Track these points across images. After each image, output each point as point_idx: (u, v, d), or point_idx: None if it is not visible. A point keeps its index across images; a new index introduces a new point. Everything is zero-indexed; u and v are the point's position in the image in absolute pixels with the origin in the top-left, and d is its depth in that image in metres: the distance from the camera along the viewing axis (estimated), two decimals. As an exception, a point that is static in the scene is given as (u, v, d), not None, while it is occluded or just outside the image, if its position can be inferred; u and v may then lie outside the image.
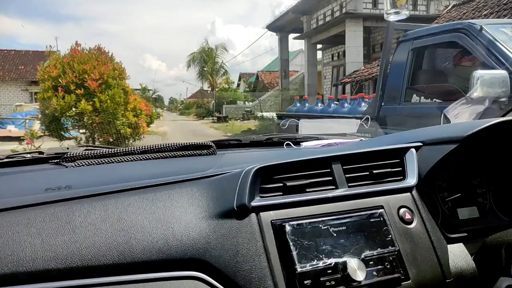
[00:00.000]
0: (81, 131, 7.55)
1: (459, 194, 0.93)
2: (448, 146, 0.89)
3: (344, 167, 0.85)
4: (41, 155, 1.12)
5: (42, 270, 0.64)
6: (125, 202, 0.75)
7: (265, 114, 28.84)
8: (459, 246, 0.90)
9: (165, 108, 71.06)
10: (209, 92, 41.12)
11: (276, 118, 9.56)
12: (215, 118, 29.56)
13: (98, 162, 1.03)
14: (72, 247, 0.66)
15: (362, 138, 1.42)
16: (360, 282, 0.71)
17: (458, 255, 0.88)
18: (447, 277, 0.83)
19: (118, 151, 1.07)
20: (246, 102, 33.91)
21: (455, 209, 0.96)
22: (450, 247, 0.86)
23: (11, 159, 1.09)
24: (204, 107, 38.61)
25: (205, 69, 38.94)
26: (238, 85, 35.54)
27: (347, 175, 0.85)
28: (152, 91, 34.21)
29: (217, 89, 37.56)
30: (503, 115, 2.03)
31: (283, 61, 20.50)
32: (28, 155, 1.12)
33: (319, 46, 17.85)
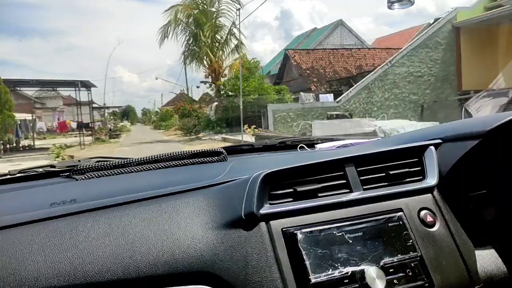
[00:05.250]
0: None
1: (484, 191, 0.97)
2: (470, 142, 0.90)
3: (358, 169, 0.93)
4: (53, 169, 1.18)
5: None
6: (130, 214, 0.81)
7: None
8: (487, 249, 0.92)
9: (139, 121, 68.42)
10: (208, 86, 14.98)
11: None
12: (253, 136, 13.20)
13: (108, 173, 1.09)
14: (75, 263, 0.71)
15: (379, 138, 1.45)
16: None
17: (487, 259, 0.90)
18: (475, 282, 0.85)
19: (129, 161, 1.13)
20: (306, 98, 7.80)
21: (481, 209, 0.97)
22: (478, 250, 0.90)
23: (23, 174, 1.16)
24: (195, 117, 11.98)
25: (201, 39, 12.88)
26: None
27: (362, 178, 0.92)
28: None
29: (224, 79, 11.18)
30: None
31: None
32: (40, 169, 1.18)
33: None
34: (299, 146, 1.42)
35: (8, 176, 1.15)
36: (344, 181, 0.89)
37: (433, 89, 14.86)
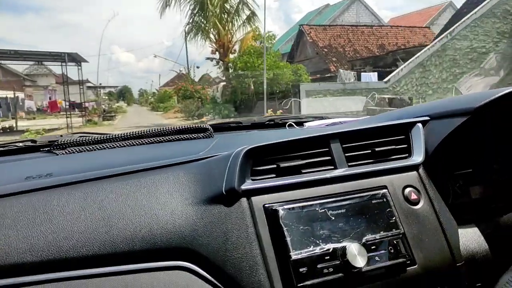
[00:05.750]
0: None
1: (470, 170, 0.97)
2: (458, 119, 0.88)
3: (344, 146, 0.92)
4: (33, 144, 1.16)
5: (16, 264, 0.66)
6: (107, 189, 0.80)
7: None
8: (471, 227, 0.93)
9: (135, 102, 68.51)
10: (215, 63, 11.61)
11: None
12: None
13: (90, 148, 1.06)
14: (49, 238, 0.69)
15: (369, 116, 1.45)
16: (361, 268, 0.75)
17: (470, 237, 0.91)
18: (457, 260, 0.85)
19: (112, 136, 1.10)
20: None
21: (467, 187, 0.97)
22: (461, 228, 0.91)
23: (2, 148, 1.13)
24: (198, 99, 8.70)
25: (208, 8, 9.28)
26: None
27: (347, 154, 0.91)
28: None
29: (234, 55, 7.74)
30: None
31: None
32: (20, 144, 1.16)
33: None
34: (287, 124, 1.40)
35: None
36: (329, 157, 0.88)
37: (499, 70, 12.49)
